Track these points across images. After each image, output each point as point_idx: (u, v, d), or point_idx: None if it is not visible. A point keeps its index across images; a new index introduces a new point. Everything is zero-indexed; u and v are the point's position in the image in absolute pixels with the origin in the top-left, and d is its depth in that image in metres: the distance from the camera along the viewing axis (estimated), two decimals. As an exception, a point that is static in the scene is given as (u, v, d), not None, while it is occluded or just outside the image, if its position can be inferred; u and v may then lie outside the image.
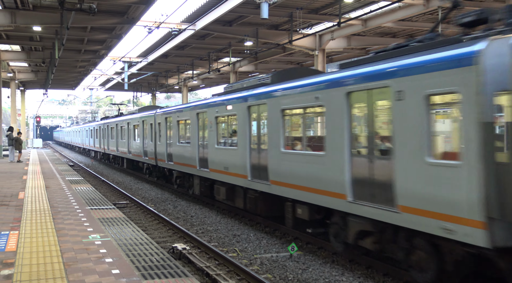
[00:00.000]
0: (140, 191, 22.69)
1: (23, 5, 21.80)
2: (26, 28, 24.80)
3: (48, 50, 32.06)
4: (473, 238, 6.68)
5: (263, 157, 12.99)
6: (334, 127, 9.95)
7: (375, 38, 28.91)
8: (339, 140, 9.71)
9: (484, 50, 6.66)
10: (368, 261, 9.76)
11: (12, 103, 44.32)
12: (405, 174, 7.85)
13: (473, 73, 6.67)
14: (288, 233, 12.67)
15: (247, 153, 13.80)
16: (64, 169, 25.81)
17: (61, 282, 6.11)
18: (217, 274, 8.89)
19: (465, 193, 6.79)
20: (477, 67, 6.61)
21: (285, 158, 11.88)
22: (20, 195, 14.29)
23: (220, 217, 15.52)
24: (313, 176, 10.59)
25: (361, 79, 9.25)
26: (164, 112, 22.77)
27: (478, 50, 6.68)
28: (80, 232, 9.14)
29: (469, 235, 6.74)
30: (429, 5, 20.67)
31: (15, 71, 42.15)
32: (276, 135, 12.29)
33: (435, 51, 7.58)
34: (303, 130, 11.65)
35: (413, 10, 21.62)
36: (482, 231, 6.53)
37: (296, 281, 9.04)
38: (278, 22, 25.43)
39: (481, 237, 6.54)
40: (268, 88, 12.98)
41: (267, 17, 15.69)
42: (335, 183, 9.73)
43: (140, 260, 7.32)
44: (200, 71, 41.20)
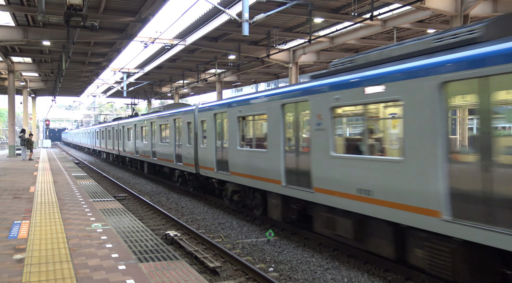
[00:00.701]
0: (137, 185, 22.53)
1: (34, 23, 21.64)
2: (37, 43, 24.50)
3: (56, 62, 31.68)
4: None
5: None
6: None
7: (340, 53, 29.17)
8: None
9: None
10: (334, 245, 9.86)
11: (24, 108, 43.83)
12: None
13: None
14: (266, 221, 12.72)
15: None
16: (70, 166, 25.52)
17: (67, 265, 6.07)
18: (204, 257, 8.90)
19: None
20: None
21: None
22: (31, 189, 14.11)
23: (207, 208, 15.51)
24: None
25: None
26: (213, 107, 15.49)
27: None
28: (83, 221, 9.07)
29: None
30: (385, 26, 21.00)
31: (27, 80, 41.63)
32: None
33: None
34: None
35: (373, 29, 21.90)
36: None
37: (273, 263, 9.09)
38: (257, 39, 25.52)
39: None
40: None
41: (247, 34, 15.68)
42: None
43: (136, 245, 7.30)
44: (190, 80, 41.08)
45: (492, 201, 5.69)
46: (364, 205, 8.02)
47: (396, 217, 7.28)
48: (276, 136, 11.05)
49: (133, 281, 5.49)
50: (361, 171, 8.14)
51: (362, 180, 8.07)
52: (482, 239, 5.77)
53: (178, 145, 19.12)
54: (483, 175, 5.81)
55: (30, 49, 28.39)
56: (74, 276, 5.61)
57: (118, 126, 33.50)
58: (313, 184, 9.49)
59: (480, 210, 5.83)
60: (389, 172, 7.50)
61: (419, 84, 6.81)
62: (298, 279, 8.07)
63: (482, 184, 5.82)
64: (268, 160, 11.40)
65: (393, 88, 7.35)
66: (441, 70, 6.46)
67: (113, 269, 5.92)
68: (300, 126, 10.40)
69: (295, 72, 28.32)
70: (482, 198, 5.82)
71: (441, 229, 6.42)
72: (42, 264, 6.11)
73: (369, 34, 22.82)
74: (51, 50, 27.96)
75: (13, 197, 12.27)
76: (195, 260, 9.07)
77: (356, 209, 8.26)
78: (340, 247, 9.65)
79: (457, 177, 6.27)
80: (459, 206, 6.18)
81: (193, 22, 22.88)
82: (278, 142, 10.95)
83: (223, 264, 8.85)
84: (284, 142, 10.88)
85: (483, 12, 17.70)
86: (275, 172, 11.03)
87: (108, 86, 51.05)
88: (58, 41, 23.95)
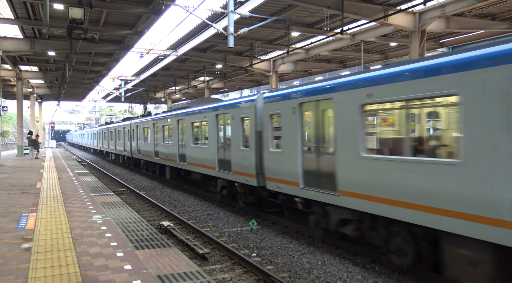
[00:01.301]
0: (135, 181, 22.31)
1: (40, 35, 21.32)
2: (43, 53, 24.10)
3: (60, 70, 31.23)
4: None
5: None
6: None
7: (315, 63, 29.37)
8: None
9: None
10: (310, 232, 9.91)
11: (31, 112, 43.27)
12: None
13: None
14: (250, 212, 12.73)
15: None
16: (73, 164, 25.14)
17: (70, 253, 5.99)
18: (195, 244, 8.87)
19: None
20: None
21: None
22: (37, 185, 13.86)
23: (197, 201, 15.44)
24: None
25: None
26: (296, 94, 9.51)
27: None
28: (85, 214, 8.95)
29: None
30: (354, 39, 21.19)
31: (33, 87, 40.97)
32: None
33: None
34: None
35: (343, 42, 22.06)
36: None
37: (256, 249, 9.10)
38: (242, 50, 25.48)
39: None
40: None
41: (233, 46, 15.66)
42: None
43: (133, 234, 7.24)
44: (181, 87, 40.84)
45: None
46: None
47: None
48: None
49: (130, 266, 5.45)
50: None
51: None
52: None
53: (223, 148, 13.44)
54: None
55: (37, 59, 27.93)
56: (76, 263, 5.54)
57: (131, 125, 27.37)
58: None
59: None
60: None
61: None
62: (278, 263, 8.10)
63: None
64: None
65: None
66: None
67: (112, 256, 5.87)
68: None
69: (275, 80, 28.43)
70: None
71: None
72: (47, 252, 6.02)
73: (340, 46, 22.99)
74: (55, 60, 27.55)
75: (21, 192, 12.04)
76: (186, 247, 9.03)
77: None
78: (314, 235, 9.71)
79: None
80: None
81: (184, 35, 22.79)
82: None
83: (211, 251, 8.83)
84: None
85: (437, 28, 17.99)
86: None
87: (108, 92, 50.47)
88: (62, 52, 23.61)
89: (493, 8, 16.99)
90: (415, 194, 6.34)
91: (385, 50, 25.58)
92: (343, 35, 19.61)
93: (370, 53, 25.92)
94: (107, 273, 5.19)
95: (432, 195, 6.06)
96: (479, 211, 5.42)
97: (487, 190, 5.33)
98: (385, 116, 7.55)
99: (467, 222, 5.57)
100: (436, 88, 6.04)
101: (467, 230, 5.58)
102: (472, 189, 5.52)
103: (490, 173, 5.31)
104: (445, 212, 5.88)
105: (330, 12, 16.07)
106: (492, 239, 5.30)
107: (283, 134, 9.99)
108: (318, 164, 8.75)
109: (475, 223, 5.49)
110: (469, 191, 5.56)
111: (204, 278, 5.11)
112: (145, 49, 25.35)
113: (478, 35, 20.72)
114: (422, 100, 6.47)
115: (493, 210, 5.27)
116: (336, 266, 7.79)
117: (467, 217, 5.59)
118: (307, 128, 9.26)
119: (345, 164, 7.79)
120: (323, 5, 15.68)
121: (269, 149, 10.58)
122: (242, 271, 7.58)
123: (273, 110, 10.47)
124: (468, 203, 5.56)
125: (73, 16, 10.41)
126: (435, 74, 6.08)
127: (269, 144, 10.62)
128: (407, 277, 7.14)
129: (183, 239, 9.28)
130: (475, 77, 5.51)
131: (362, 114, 7.46)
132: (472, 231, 5.52)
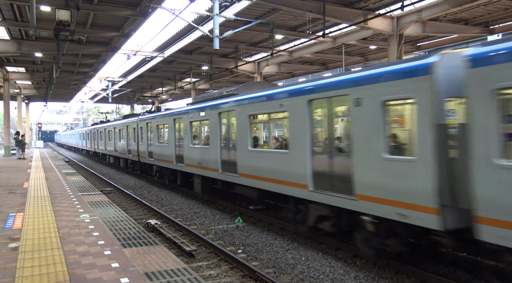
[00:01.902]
0: (122, 180, 22.04)
1: (27, 36, 20.89)
2: (29, 54, 23.61)
3: (47, 71, 30.64)
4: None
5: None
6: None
7: (298, 65, 29.49)
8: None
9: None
10: (293, 228, 9.94)
11: (18, 113, 42.36)
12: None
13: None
14: (235, 209, 12.70)
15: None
16: (61, 164, 24.73)
17: (58, 252, 5.88)
18: (182, 242, 8.81)
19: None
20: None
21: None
22: (25, 184, 13.59)
23: (184, 199, 15.34)
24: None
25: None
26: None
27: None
28: (73, 213, 8.81)
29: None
30: (335, 42, 21.37)
31: (20, 88, 40.13)
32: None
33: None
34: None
35: (325, 45, 22.20)
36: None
37: (241, 245, 9.08)
38: (227, 52, 25.40)
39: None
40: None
41: (218, 48, 15.61)
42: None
43: (121, 233, 7.16)
44: (168, 88, 40.54)
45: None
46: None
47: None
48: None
49: (117, 264, 5.38)
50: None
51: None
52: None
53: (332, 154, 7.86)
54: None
55: (24, 60, 27.37)
56: (64, 261, 5.44)
57: (137, 123, 21.52)
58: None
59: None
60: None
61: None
62: (263, 259, 8.10)
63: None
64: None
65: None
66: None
67: (99, 254, 5.78)
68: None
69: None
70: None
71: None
72: (35, 251, 5.90)
73: (322, 49, 23.12)
74: (42, 61, 27.04)
75: (8, 192, 11.78)
76: (173, 245, 8.96)
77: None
78: (298, 231, 9.75)
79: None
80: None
81: (171, 37, 22.61)
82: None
83: (198, 248, 8.78)
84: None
85: (414, 32, 18.24)
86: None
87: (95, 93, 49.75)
88: (49, 53, 23.16)
89: (466, 14, 17.34)
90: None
91: (365, 53, 25.84)
92: (325, 38, 19.74)
93: (351, 56, 26.15)
94: (95, 271, 5.11)
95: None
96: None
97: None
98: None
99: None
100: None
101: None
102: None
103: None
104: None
105: (312, 16, 16.17)
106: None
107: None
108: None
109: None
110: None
111: (191, 275, 5.08)
112: (132, 50, 25.06)
113: (452, 39, 21.13)
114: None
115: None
116: (319, 261, 7.83)
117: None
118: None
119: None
120: (306, 9, 15.76)
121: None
122: (228, 267, 7.56)
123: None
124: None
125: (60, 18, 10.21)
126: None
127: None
128: (387, 271, 7.22)
129: (170, 237, 9.21)
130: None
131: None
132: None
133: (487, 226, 5.07)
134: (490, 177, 5.03)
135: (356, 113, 7.09)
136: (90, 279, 4.81)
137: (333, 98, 7.77)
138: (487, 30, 18.91)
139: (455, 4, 14.93)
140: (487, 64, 5.11)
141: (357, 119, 7.07)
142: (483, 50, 5.27)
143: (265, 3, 15.67)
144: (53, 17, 10.45)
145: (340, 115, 7.82)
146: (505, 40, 5.13)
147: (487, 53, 5.19)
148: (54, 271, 5.07)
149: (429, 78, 5.80)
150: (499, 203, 4.94)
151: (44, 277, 4.87)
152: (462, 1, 14.75)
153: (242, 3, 15.99)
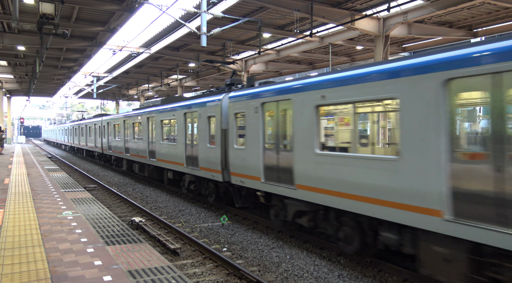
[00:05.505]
0: (106, 177, 21.77)
1: (10, 29, 20.41)
2: (12, 48, 23.11)
3: (30, 65, 30.01)
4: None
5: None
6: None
7: (285, 64, 29.55)
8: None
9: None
10: (278, 228, 9.96)
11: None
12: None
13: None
14: (221, 207, 12.67)
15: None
16: (43, 160, 24.28)
17: (39, 249, 5.77)
18: (166, 240, 8.74)
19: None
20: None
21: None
22: (5, 180, 13.30)
23: (169, 197, 15.23)
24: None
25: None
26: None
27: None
28: (55, 210, 8.66)
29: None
30: (322, 42, 21.46)
31: (2, 82, 39.25)
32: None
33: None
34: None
35: (312, 45, 22.29)
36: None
37: (226, 243, 9.06)
38: (214, 50, 25.28)
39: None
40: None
41: (205, 45, 15.50)
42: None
43: (104, 230, 7.06)
44: (154, 84, 40.18)
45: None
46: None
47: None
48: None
49: (100, 262, 5.30)
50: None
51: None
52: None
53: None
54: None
55: (6, 53, 26.74)
56: (45, 259, 5.34)
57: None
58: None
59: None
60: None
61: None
62: (248, 257, 8.09)
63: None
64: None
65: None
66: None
67: (82, 252, 5.69)
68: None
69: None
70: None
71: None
72: (15, 248, 5.78)
73: (309, 49, 23.22)
74: (25, 55, 26.50)
75: (-12, 188, 11.52)
76: (157, 242, 8.88)
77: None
78: (283, 230, 9.77)
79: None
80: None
81: (158, 33, 22.36)
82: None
83: (182, 246, 8.73)
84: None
85: (400, 34, 18.45)
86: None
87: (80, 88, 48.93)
88: (32, 47, 22.73)
89: (451, 17, 17.61)
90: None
91: (352, 53, 26.03)
92: (312, 38, 19.82)
93: (338, 56, 26.32)
94: (77, 269, 5.03)
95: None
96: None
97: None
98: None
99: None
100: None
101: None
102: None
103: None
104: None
105: (300, 15, 16.20)
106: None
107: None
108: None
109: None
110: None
111: (175, 273, 5.04)
112: (118, 46, 24.72)
113: (437, 41, 21.43)
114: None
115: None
116: (303, 260, 7.86)
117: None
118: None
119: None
120: (294, 8, 15.78)
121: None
122: (213, 265, 7.53)
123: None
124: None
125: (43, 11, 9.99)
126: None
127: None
128: (370, 269, 7.29)
129: (155, 235, 9.13)
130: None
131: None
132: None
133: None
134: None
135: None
136: (72, 277, 4.73)
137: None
138: (471, 33, 19.25)
139: (440, 7, 15.15)
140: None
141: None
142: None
143: (253, 1, 15.64)
144: (37, 10, 10.24)
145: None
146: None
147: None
148: (35, 269, 4.98)
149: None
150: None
151: (24, 275, 4.77)
152: (447, 4, 14.98)
153: (230, 0, 15.93)
